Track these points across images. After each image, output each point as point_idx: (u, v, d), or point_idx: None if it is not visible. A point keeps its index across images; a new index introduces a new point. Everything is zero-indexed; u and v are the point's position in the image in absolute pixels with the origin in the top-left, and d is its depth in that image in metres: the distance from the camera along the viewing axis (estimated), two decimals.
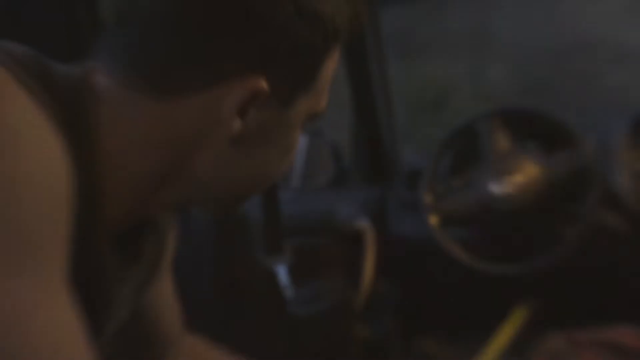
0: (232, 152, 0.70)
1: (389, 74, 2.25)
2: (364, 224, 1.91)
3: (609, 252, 1.87)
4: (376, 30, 2.12)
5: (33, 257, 0.55)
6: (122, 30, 0.68)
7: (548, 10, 4.99)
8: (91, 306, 0.72)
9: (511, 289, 1.92)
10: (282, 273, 1.61)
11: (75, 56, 0.71)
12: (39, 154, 0.57)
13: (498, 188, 1.77)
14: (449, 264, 1.83)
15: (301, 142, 2.28)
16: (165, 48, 0.66)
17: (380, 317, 1.94)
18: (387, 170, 2.20)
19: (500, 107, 1.89)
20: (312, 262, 1.69)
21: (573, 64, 4.84)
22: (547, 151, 1.86)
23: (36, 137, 0.58)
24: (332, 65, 0.73)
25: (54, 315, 0.56)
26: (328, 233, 1.88)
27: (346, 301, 1.81)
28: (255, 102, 0.67)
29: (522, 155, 1.81)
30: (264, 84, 0.66)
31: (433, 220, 1.83)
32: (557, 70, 4.86)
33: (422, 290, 2.08)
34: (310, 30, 0.67)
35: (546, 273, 1.81)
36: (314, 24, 0.67)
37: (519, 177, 1.77)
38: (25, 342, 0.54)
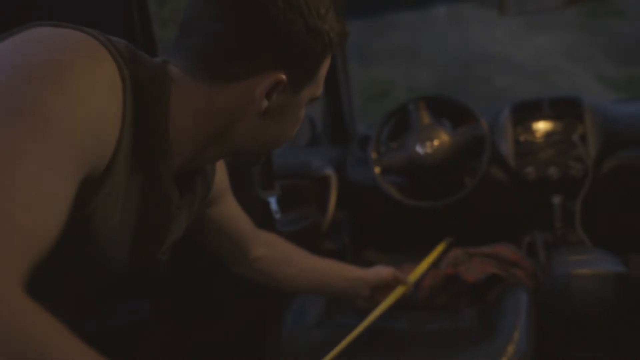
0: (259, 123, 0.73)
1: (350, 73, 2.28)
2: (329, 172, 1.93)
3: (495, 196, 1.91)
4: None
5: (54, 141, 0.52)
6: (187, 36, 0.70)
7: (459, 33, 5.09)
8: (158, 224, 0.78)
9: (426, 217, 1.95)
10: (273, 203, 1.61)
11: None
12: (98, 95, 0.59)
13: (421, 149, 1.80)
14: (386, 200, 1.85)
15: None
16: (218, 50, 0.67)
17: (340, 235, 1.96)
18: (347, 136, 2.24)
19: (424, 94, 1.92)
20: (294, 196, 1.69)
21: (475, 70, 4.95)
22: (455, 125, 1.90)
23: (106, 87, 0.60)
24: (327, 65, 0.76)
25: (41, 181, 0.50)
26: (305, 177, 1.90)
27: (317, 223, 1.82)
28: (277, 89, 0.70)
29: (438, 127, 1.83)
30: (283, 77, 0.69)
31: (377, 170, 1.86)
32: (464, 74, 4.95)
33: (368, 218, 2.12)
34: (314, 41, 0.70)
35: (455, 209, 1.84)
36: (317, 37, 0.70)
37: (436, 142, 1.79)
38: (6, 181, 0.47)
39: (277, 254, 1.19)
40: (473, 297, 1.49)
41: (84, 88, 0.57)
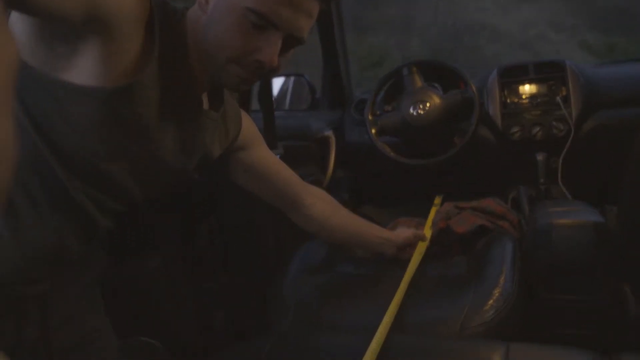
0: (207, 25, 0.75)
1: (347, 43, 2.23)
2: (329, 133, 1.91)
3: (483, 154, 1.86)
4: (339, 12, 2.08)
5: None
6: None
7: (450, 3, 5.01)
8: (189, 126, 0.83)
9: (419, 175, 1.93)
10: None
11: None
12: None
13: (414, 111, 1.77)
14: (382, 159, 1.82)
15: (290, 81, 2.31)
16: None
17: (339, 192, 1.92)
18: (344, 100, 2.20)
19: (417, 59, 1.87)
20: (296, 155, 1.65)
21: (465, 39, 4.89)
22: (446, 88, 1.85)
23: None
24: None
25: None
26: (306, 138, 1.88)
27: (318, 181, 1.79)
28: None
29: (430, 90, 1.79)
30: None
31: (373, 131, 1.82)
32: (455, 43, 4.89)
33: (365, 175, 2.10)
34: None
35: (446, 166, 1.81)
36: None
37: (428, 104, 1.76)
38: None
39: (326, 203, 1.22)
40: (463, 246, 1.49)
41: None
